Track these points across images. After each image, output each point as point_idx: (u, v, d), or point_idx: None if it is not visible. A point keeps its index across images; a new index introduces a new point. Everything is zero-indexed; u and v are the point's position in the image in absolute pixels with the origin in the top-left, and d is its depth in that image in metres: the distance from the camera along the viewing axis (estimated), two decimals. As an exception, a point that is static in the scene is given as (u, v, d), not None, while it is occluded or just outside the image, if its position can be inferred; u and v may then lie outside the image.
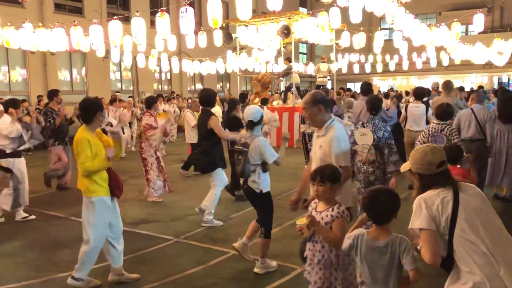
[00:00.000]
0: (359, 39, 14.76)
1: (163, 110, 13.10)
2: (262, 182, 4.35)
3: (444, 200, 2.32)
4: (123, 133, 12.38)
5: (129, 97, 16.38)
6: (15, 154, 6.37)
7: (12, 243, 5.53)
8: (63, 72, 19.19)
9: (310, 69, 20.07)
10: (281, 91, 16.98)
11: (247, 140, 4.33)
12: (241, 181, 4.76)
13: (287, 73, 14.88)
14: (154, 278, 4.38)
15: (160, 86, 24.06)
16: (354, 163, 5.07)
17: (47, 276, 4.47)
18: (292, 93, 14.62)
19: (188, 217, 6.46)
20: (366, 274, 2.57)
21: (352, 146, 5.01)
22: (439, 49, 17.98)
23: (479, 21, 11.79)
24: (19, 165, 6.45)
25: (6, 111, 6.47)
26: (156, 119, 7.69)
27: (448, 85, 7.58)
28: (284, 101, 14.99)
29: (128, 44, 12.00)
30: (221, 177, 6.10)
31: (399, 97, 11.54)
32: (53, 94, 8.34)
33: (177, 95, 20.04)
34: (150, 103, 7.81)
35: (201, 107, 6.40)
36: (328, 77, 16.37)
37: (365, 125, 5.11)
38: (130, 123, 13.49)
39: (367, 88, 7.61)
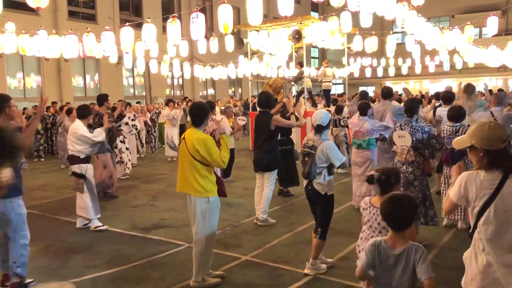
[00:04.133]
0: (371, 43, 14.69)
1: (173, 116, 12.87)
2: (328, 185, 4.43)
3: (480, 193, 2.43)
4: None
5: (137, 102, 16.38)
6: (88, 159, 6.27)
7: (26, 248, 5.58)
8: (76, 78, 19.44)
9: (322, 73, 20.04)
10: (293, 95, 16.93)
11: (315, 143, 4.40)
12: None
13: (299, 78, 14.87)
14: (166, 284, 4.38)
15: (172, 92, 24.22)
16: (394, 163, 5.38)
17: (61, 281, 4.50)
18: (304, 97, 14.59)
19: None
20: (378, 280, 2.54)
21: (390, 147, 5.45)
22: (452, 52, 17.80)
23: (493, 23, 11.66)
24: (91, 170, 6.36)
25: (82, 116, 6.39)
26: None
27: (468, 88, 7.43)
28: (295, 105, 14.96)
29: (141, 50, 12.10)
30: (274, 178, 6.43)
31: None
32: (103, 99, 8.14)
33: (190, 100, 20.13)
34: (211, 107, 7.88)
35: (259, 109, 6.65)
36: (332, 82, 16.43)
37: (402, 128, 5.27)
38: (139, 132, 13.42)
39: (388, 92, 7.52)
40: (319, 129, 4.49)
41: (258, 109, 6.84)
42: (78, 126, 6.22)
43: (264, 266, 4.80)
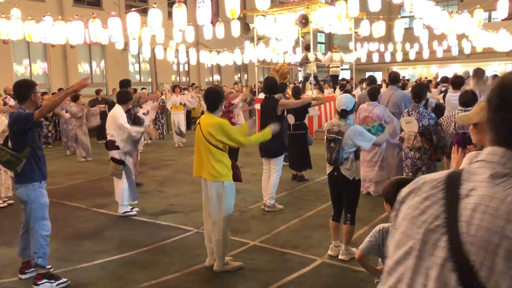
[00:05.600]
0: (379, 28, 14.52)
1: (180, 102, 13.03)
2: (356, 169, 4.43)
3: None
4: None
5: (142, 89, 16.35)
6: None
7: (36, 234, 5.63)
8: (82, 65, 19.40)
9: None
10: (299, 81, 16.87)
11: (341, 129, 4.37)
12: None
13: (304, 62, 14.74)
14: (175, 269, 4.42)
15: (178, 78, 24.15)
16: (402, 149, 5.46)
17: (71, 266, 4.54)
18: (310, 83, 14.51)
19: (208, 208, 6.49)
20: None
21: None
22: (460, 37, 17.58)
23: (503, 7, 11.49)
24: (130, 157, 6.32)
25: (122, 101, 6.33)
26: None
27: (477, 73, 7.33)
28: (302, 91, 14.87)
29: (146, 36, 12.05)
30: (281, 163, 6.46)
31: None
32: (126, 84, 7.57)
33: (197, 87, 20.11)
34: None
35: (265, 95, 6.64)
36: (341, 67, 16.28)
37: (410, 113, 5.31)
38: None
39: (395, 77, 7.47)
40: (343, 114, 4.41)
41: (264, 94, 6.81)
42: (118, 113, 6.14)
43: (272, 251, 4.82)
